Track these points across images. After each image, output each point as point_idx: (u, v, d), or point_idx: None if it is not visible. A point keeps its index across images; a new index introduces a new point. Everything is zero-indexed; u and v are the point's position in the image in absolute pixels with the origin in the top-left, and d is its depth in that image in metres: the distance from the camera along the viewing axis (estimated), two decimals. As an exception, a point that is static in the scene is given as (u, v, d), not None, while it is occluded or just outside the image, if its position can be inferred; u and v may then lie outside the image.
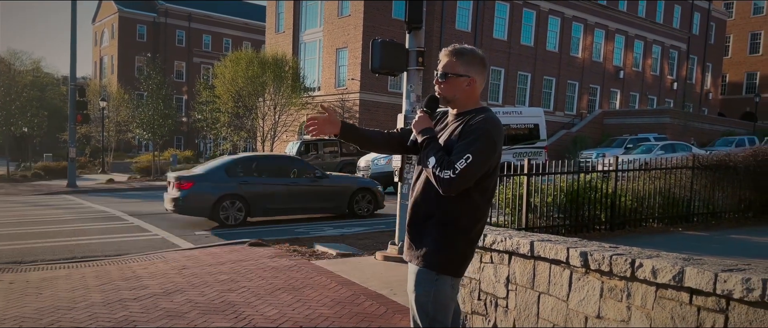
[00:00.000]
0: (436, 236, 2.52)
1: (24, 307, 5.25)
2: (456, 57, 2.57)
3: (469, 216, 2.52)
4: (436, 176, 2.39)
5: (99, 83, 51.14)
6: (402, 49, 7.26)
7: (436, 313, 2.56)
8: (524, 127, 20.35)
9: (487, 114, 2.53)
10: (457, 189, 2.39)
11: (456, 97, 2.60)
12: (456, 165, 2.36)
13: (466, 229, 2.53)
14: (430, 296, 2.54)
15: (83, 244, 9.26)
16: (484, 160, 2.41)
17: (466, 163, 2.35)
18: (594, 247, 3.34)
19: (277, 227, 11.08)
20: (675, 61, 46.84)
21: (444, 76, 2.57)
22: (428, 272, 2.54)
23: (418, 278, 2.56)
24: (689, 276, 2.62)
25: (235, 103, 30.13)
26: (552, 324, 3.52)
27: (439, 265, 2.52)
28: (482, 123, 2.46)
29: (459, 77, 2.56)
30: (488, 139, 2.42)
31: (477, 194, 2.50)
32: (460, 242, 2.53)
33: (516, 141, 19.55)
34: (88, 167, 34.53)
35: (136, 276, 6.53)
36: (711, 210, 9.59)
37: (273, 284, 6.02)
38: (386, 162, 17.45)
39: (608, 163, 9.19)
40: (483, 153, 2.40)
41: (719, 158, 9.77)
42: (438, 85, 2.60)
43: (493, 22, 35.02)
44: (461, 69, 2.56)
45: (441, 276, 2.53)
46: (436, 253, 2.52)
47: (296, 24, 35.55)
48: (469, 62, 2.57)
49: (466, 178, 2.37)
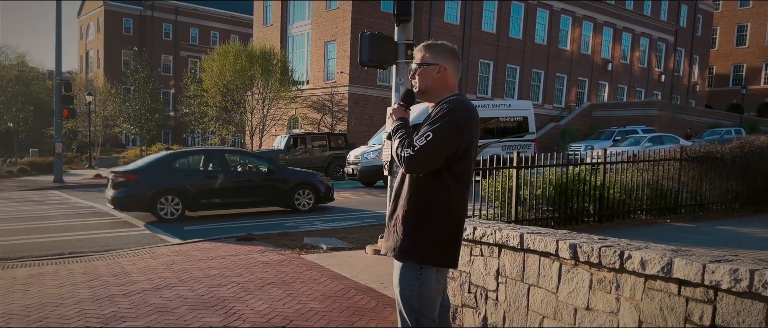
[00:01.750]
0: (412, 226, 2.55)
1: (11, 304, 5.19)
2: (425, 49, 2.68)
3: (444, 202, 2.53)
4: (398, 155, 2.48)
5: (85, 77, 50.63)
6: (391, 42, 7.23)
7: (421, 306, 2.57)
8: (513, 120, 20.28)
9: (457, 97, 2.59)
10: (419, 167, 2.45)
11: (428, 87, 2.65)
12: (415, 143, 2.44)
13: (441, 216, 2.53)
14: (414, 289, 2.56)
15: (71, 240, 9.18)
16: (446, 139, 2.44)
17: (426, 140, 2.42)
18: (583, 239, 3.35)
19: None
20: (662, 54, 47.16)
21: (416, 67, 2.67)
22: (410, 265, 2.56)
23: (402, 271, 2.59)
24: (677, 267, 2.64)
25: (223, 97, 29.99)
26: (542, 316, 3.53)
27: (416, 255, 2.54)
28: (447, 105, 2.52)
29: (429, 66, 2.64)
30: (452, 119, 2.46)
31: (450, 179, 2.52)
32: (436, 229, 2.54)
33: (505, 134, 19.57)
34: (74, 162, 34.22)
35: (125, 272, 6.49)
36: (698, 201, 9.67)
37: (263, 279, 6.01)
38: (375, 156, 17.37)
39: (597, 155, 9.24)
40: (445, 132, 2.44)
41: (707, 150, 9.85)
42: (412, 80, 2.70)
43: (481, 15, 35.05)
44: (430, 58, 2.64)
45: (425, 268, 2.55)
46: (413, 243, 2.54)
47: (284, 17, 35.36)
48: (438, 51, 2.65)
49: (425, 155, 2.42)
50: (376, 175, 17.41)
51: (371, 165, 17.68)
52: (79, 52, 61.63)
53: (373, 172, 17.41)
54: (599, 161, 8.93)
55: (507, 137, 18.90)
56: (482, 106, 19.98)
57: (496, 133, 19.00)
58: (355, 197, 15.73)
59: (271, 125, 31.16)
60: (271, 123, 30.99)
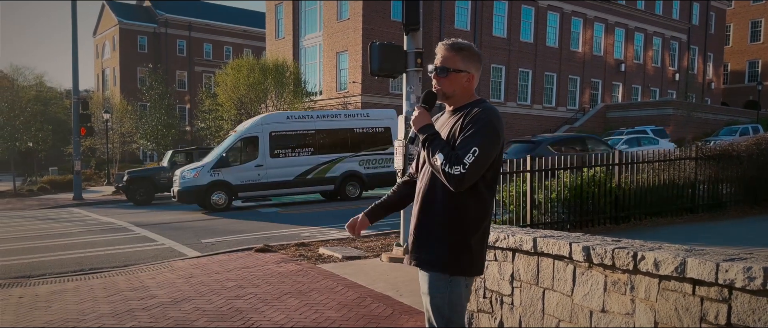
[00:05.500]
0: (446, 237, 2.48)
1: (34, 321, 5.28)
2: (455, 52, 2.55)
3: (478, 211, 2.48)
4: (445, 172, 2.35)
5: (102, 96, 51.33)
6: (400, 51, 7.28)
7: (451, 314, 2.53)
8: (372, 130, 17.72)
9: (485, 104, 2.52)
10: (468, 184, 2.37)
11: (455, 93, 2.57)
12: (464, 160, 2.33)
13: (475, 225, 2.49)
14: (445, 298, 2.51)
15: (91, 256, 9.30)
16: (490, 152, 2.39)
17: (474, 156, 2.32)
18: (596, 241, 3.35)
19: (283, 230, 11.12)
20: (676, 53, 46.74)
21: (444, 71, 2.54)
22: (442, 275, 2.50)
23: (431, 280, 2.52)
24: (691, 267, 2.63)
25: (238, 111, 30.21)
26: (558, 320, 3.53)
27: (450, 266, 2.48)
28: (483, 114, 2.44)
29: (459, 72, 2.54)
30: (491, 129, 2.40)
31: (484, 187, 2.47)
32: (470, 239, 2.48)
33: (361, 147, 17.36)
34: (93, 179, 34.66)
35: (144, 286, 6.57)
36: (715, 200, 9.57)
37: (280, 289, 6.05)
38: (194, 175, 15.82)
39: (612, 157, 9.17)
40: (488, 145, 2.38)
41: (723, 148, 9.75)
42: (437, 80, 2.57)
43: (492, 20, 35.02)
44: (461, 64, 2.54)
45: (454, 277, 2.50)
46: (448, 254, 2.47)
47: (296, 29, 35.63)
48: (468, 58, 2.55)
49: (475, 171, 2.35)
50: (194, 196, 15.69)
51: (190, 186, 15.76)
52: (96, 71, 62.51)
53: (192, 193, 15.68)
54: (614, 163, 8.89)
55: (365, 150, 17.34)
56: (330, 117, 18.02)
57: (351, 147, 17.26)
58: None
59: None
60: (286, 135, 31.12)
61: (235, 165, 16.06)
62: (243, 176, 15.83)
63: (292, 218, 13.90)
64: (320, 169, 16.78)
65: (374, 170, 17.43)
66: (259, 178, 16.11)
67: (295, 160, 16.53)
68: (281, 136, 16.56)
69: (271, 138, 16.34)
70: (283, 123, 16.87)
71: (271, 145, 16.32)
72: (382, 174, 17.28)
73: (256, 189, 16.19)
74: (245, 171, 15.97)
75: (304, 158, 16.67)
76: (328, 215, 13.54)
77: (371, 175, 17.40)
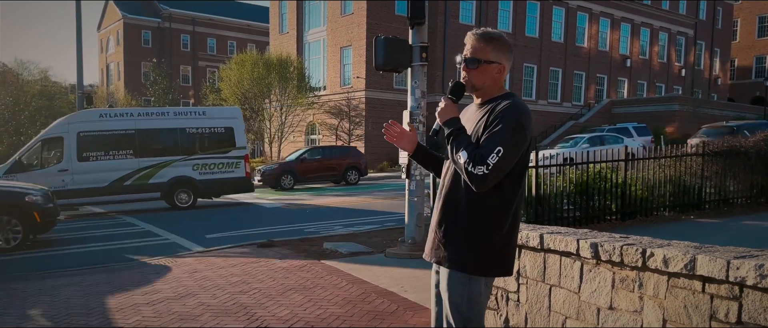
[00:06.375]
0: (469, 235, 2.41)
1: (37, 315, 5.28)
2: (486, 42, 2.46)
3: (502, 210, 2.40)
4: (468, 172, 2.28)
5: (106, 90, 51.49)
6: (405, 46, 7.24)
7: (470, 313, 2.47)
8: (210, 131, 15.85)
9: (514, 100, 2.41)
10: (491, 185, 2.30)
11: (485, 85, 2.47)
12: (488, 160, 2.24)
13: (499, 224, 2.40)
14: (464, 296, 2.45)
15: (95, 250, 9.31)
16: (516, 151, 2.31)
17: (498, 156, 2.24)
18: (604, 238, 3.31)
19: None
20: (682, 48, 46.51)
21: (474, 62, 2.44)
22: (461, 274, 2.44)
23: (452, 278, 2.46)
24: (701, 264, 2.59)
25: (242, 106, 30.22)
26: (564, 317, 3.50)
27: (471, 265, 2.41)
28: (509, 110, 2.33)
29: (490, 64, 2.45)
30: (518, 127, 2.31)
31: (509, 185, 2.39)
32: (494, 238, 2.40)
33: (196, 150, 15.50)
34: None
35: (148, 280, 6.56)
36: (722, 197, 9.51)
37: (284, 285, 6.03)
38: None
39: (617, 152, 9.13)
40: (513, 143, 2.29)
41: (730, 144, 9.69)
42: (466, 71, 2.47)
43: (497, 15, 34.90)
44: (492, 55, 2.45)
45: (474, 276, 2.44)
46: (471, 254, 2.40)
47: (300, 24, 35.59)
48: (499, 48, 2.47)
49: (499, 172, 2.27)
50: None
51: None
52: (100, 66, 62.66)
53: None
54: (620, 159, 8.84)
55: (202, 153, 15.52)
56: (156, 115, 15.97)
57: (183, 150, 15.32)
58: (374, 201, 15.75)
59: (290, 132, 31.34)
60: (290, 130, 31.17)
61: (35, 170, 14.09)
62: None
63: (295, 214, 13.90)
64: (141, 174, 14.88)
65: (212, 176, 15.54)
66: (63, 184, 13.97)
67: (110, 165, 14.62)
68: (92, 137, 14.62)
69: (79, 139, 14.43)
70: (95, 122, 14.85)
71: (79, 148, 14.41)
72: (222, 180, 15.62)
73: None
74: (46, 177, 13.61)
75: (121, 162, 14.74)
76: (333, 212, 13.52)
77: (207, 181, 15.48)
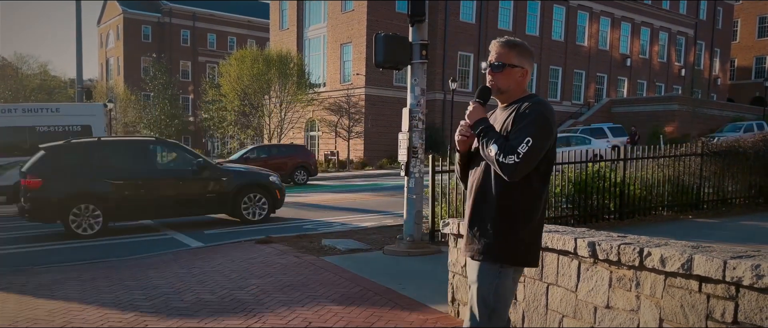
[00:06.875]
0: (500, 227, 2.56)
1: (36, 309, 5.29)
2: (510, 48, 2.65)
3: (531, 203, 2.56)
4: (499, 162, 2.44)
5: (106, 85, 51.42)
6: (405, 43, 7.23)
7: (496, 304, 2.60)
8: (64, 129, 14.18)
9: (538, 98, 2.62)
10: (522, 174, 2.45)
11: (510, 88, 2.66)
12: (518, 150, 2.41)
13: (528, 217, 2.56)
14: (492, 287, 2.58)
15: (93, 245, 9.32)
16: (543, 143, 2.47)
17: (528, 146, 2.40)
18: (602, 237, 3.32)
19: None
20: (682, 48, 46.52)
21: (500, 67, 2.63)
22: (492, 265, 2.57)
23: (482, 269, 2.60)
24: (698, 264, 2.60)
25: (242, 102, 30.23)
26: (561, 315, 3.51)
27: (503, 257, 2.56)
28: (535, 106, 2.53)
29: (514, 68, 2.64)
30: (544, 121, 2.49)
31: (536, 179, 2.55)
32: (523, 231, 2.56)
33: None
34: (97, 169, 34.70)
35: (146, 276, 6.57)
36: (721, 197, 9.52)
37: (282, 281, 6.04)
38: None
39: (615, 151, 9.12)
40: (541, 136, 2.45)
41: (729, 144, 9.70)
42: (492, 76, 2.66)
43: (497, 13, 34.88)
44: (516, 60, 2.64)
45: (505, 268, 2.58)
46: (501, 244, 2.55)
47: (300, 20, 35.55)
48: (522, 54, 2.65)
49: (529, 161, 2.43)
50: None
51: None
52: (100, 60, 62.54)
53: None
54: (619, 158, 8.84)
55: None
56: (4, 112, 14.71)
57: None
58: (373, 198, 15.76)
59: (289, 128, 31.33)
60: (289, 126, 31.16)
61: None
62: None
63: (294, 210, 13.91)
64: None
65: None
66: None
67: None
68: None
69: None
70: None
71: None
72: None
73: None
74: None
75: None
76: (332, 208, 13.54)
77: None
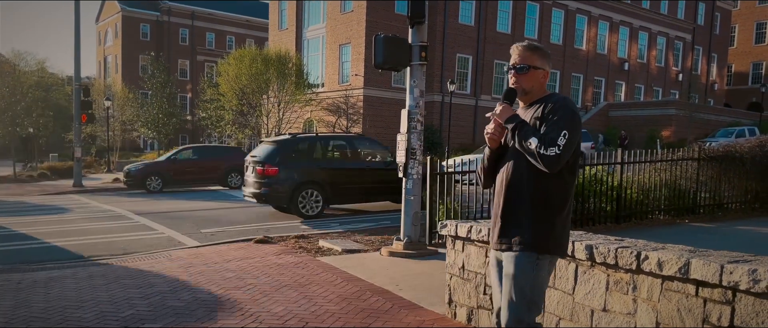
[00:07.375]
0: (534, 218, 2.66)
1: (32, 306, 5.28)
2: (532, 51, 2.82)
3: (561, 194, 2.68)
4: (541, 154, 2.54)
5: (103, 83, 51.18)
6: (405, 45, 7.24)
7: (533, 294, 2.68)
8: None
9: (561, 95, 2.76)
10: (561, 164, 2.56)
11: (533, 89, 2.80)
12: (558, 141, 2.53)
13: (559, 207, 2.68)
14: (529, 278, 2.66)
15: (90, 243, 9.29)
16: (576, 136, 2.59)
17: (565, 138, 2.54)
18: (599, 240, 3.33)
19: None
20: (680, 53, 46.60)
21: (524, 69, 2.78)
22: (530, 255, 2.66)
23: (519, 261, 2.67)
24: (695, 268, 2.61)
25: (240, 101, 30.17)
26: (558, 318, 3.51)
27: (539, 246, 2.66)
28: (564, 102, 2.68)
29: (536, 69, 2.79)
30: (574, 116, 2.63)
31: (566, 172, 2.67)
32: (555, 220, 2.67)
33: None
34: (94, 167, 34.61)
35: (143, 275, 6.56)
36: (717, 201, 9.55)
37: (279, 281, 6.04)
38: None
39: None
40: (574, 129, 2.58)
41: (725, 149, 9.73)
42: (516, 78, 2.80)
43: (496, 16, 34.89)
44: (538, 62, 2.79)
45: (542, 257, 2.67)
46: (537, 235, 2.65)
47: (299, 20, 35.51)
48: (543, 56, 2.81)
49: (567, 152, 2.55)
50: None
51: None
52: (98, 58, 62.38)
53: None
54: (616, 161, 8.86)
55: None
56: None
57: None
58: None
59: (287, 128, 31.29)
60: (287, 126, 31.12)
61: None
62: None
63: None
64: None
65: None
66: None
67: None
68: None
69: None
70: None
71: None
72: None
73: None
74: None
75: None
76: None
77: None
